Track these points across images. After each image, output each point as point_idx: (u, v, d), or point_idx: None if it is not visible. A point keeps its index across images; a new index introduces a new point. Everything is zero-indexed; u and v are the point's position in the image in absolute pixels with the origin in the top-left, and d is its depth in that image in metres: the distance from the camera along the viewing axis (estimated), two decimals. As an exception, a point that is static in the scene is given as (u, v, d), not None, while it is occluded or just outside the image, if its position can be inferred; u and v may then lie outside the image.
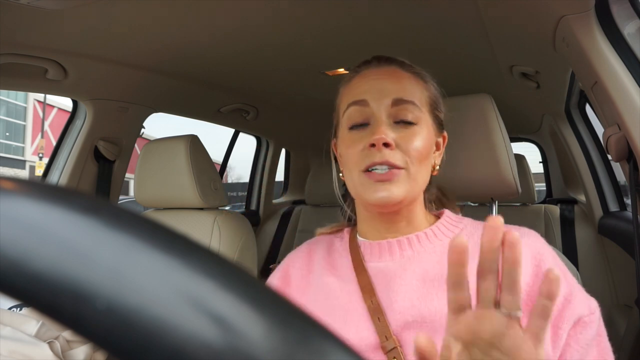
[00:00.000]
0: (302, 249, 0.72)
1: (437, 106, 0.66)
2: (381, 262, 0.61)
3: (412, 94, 0.61)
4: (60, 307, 0.14)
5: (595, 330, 0.53)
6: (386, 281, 0.59)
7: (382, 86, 0.61)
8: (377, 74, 0.63)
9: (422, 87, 0.64)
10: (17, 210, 0.15)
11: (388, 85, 0.61)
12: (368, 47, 1.28)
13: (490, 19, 1.11)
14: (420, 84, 0.64)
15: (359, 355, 0.15)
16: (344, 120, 0.63)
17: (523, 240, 0.56)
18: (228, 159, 2.57)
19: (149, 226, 0.15)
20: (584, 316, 0.53)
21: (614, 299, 1.68)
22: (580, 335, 0.52)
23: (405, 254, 0.60)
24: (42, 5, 0.98)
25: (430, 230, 0.62)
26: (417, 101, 0.61)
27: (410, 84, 0.62)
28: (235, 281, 0.15)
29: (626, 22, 0.86)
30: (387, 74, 0.63)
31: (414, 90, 0.62)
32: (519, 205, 2.09)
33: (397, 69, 0.64)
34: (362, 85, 0.62)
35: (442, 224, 0.63)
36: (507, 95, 1.73)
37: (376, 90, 0.61)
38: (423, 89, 0.64)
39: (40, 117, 19.40)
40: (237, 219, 1.46)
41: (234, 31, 1.21)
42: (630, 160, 0.93)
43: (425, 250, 0.60)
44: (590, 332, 0.52)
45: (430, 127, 0.63)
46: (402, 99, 0.60)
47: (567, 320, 0.52)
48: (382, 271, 0.60)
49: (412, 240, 0.61)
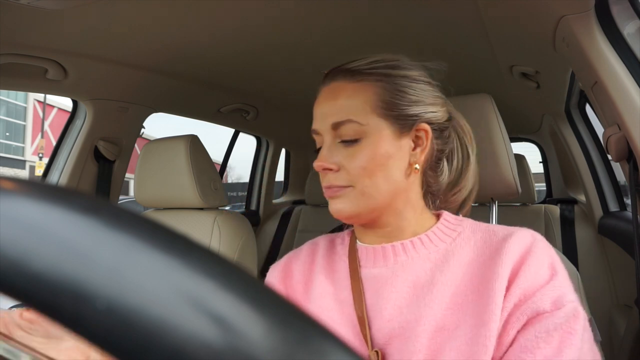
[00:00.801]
0: (305, 247, 0.72)
1: (395, 105, 0.60)
2: (375, 269, 0.61)
3: (348, 110, 0.59)
4: (60, 307, 0.14)
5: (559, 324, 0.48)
6: (377, 288, 0.59)
7: (323, 112, 0.62)
8: (323, 95, 0.63)
9: (368, 94, 0.60)
10: (17, 210, 0.15)
11: (326, 110, 0.61)
12: (368, 47, 1.28)
13: (490, 19, 1.11)
14: (366, 90, 0.60)
15: (359, 355, 0.15)
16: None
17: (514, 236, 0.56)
18: (228, 159, 2.57)
19: (149, 226, 0.16)
20: (545, 312, 0.49)
21: (614, 299, 1.69)
22: (532, 328, 0.48)
23: (399, 259, 0.60)
24: (42, 5, 0.98)
25: (426, 236, 0.61)
26: (357, 114, 0.59)
27: (347, 98, 0.60)
28: (235, 281, 0.15)
29: (626, 22, 0.86)
30: (328, 94, 0.62)
31: (352, 104, 0.60)
32: (519, 205, 2.09)
33: (340, 82, 0.62)
34: (315, 110, 0.64)
35: (439, 229, 0.62)
36: (507, 95, 1.73)
37: (319, 118, 0.62)
38: (369, 94, 0.60)
39: (40, 117, 19.42)
40: (237, 219, 1.46)
41: (234, 31, 1.21)
42: (630, 160, 0.93)
43: (419, 256, 0.59)
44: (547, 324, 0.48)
45: (386, 133, 0.59)
46: (337, 122, 0.60)
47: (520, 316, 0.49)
48: (375, 277, 0.60)
49: (406, 246, 0.60)
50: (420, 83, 0.63)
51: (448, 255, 0.58)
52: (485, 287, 0.53)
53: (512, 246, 0.55)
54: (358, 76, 0.61)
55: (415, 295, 0.56)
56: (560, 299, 0.50)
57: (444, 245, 0.60)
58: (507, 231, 0.58)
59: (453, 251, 0.58)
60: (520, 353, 0.48)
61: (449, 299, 0.54)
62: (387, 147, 0.59)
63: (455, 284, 0.55)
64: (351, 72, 0.62)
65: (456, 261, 0.57)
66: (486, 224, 0.62)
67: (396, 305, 0.57)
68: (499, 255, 0.54)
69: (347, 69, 0.62)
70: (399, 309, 0.56)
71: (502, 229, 0.59)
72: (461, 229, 0.62)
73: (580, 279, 0.76)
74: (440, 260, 0.58)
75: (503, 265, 0.53)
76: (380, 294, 0.58)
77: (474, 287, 0.54)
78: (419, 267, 0.58)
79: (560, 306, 0.49)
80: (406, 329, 0.54)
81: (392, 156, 0.60)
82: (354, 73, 0.62)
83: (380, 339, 0.56)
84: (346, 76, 0.62)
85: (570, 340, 0.47)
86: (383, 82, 0.61)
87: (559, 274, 0.53)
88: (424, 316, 0.53)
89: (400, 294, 0.57)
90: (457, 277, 0.55)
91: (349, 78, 0.62)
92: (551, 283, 0.51)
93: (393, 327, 0.55)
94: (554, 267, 0.53)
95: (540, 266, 0.53)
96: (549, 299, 0.50)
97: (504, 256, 0.54)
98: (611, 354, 1.48)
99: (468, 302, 0.52)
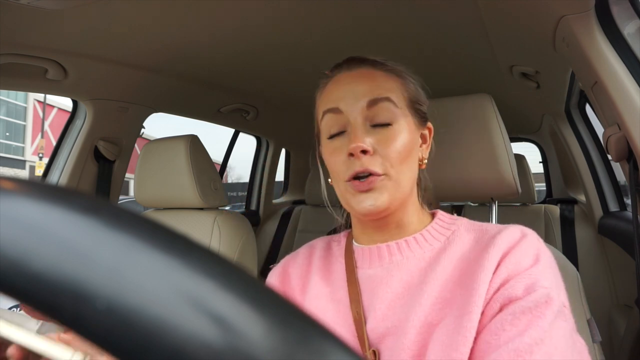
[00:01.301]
0: (303, 250, 0.72)
1: (417, 100, 0.63)
2: (371, 269, 0.61)
3: (386, 90, 0.60)
4: (61, 307, 0.14)
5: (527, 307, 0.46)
6: (373, 288, 0.59)
7: (355, 90, 0.59)
8: (349, 77, 0.61)
9: (398, 83, 0.62)
10: (17, 210, 0.15)
11: (360, 88, 0.59)
12: (368, 47, 1.28)
13: (490, 19, 1.11)
14: (396, 80, 0.62)
15: (359, 355, 0.15)
16: (323, 129, 0.63)
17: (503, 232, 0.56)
18: (228, 159, 2.57)
19: (149, 226, 0.15)
20: (517, 298, 0.48)
21: (614, 299, 1.69)
22: (501, 313, 0.48)
23: (394, 259, 0.60)
24: (42, 5, 0.98)
25: (421, 235, 0.61)
26: (394, 97, 0.60)
27: (384, 81, 0.61)
28: (235, 281, 0.15)
29: (626, 22, 0.86)
30: (359, 76, 0.61)
31: (388, 87, 0.60)
32: (519, 205, 2.10)
33: (369, 69, 0.62)
34: (335, 92, 0.61)
35: (434, 228, 0.62)
36: (507, 95, 1.73)
37: (349, 96, 0.59)
38: (399, 84, 0.62)
39: (40, 117, 19.41)
40: (237, 219, 1.46)
41: (234, 31, 1.21)
42: (630, 160, 0.93)
43: (414, 256, 0.59)
44: (514, 308, 0.47)
45: (410, 122, 0.61)
46: (376, 99, 0.58)
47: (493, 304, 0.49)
48: (371, 277, 0.60)
49: (401, 245, 0.60)
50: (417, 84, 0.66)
51: (441, 254, 0.58)
52: (470, 279, 0.52)
53: (499, 240, 0.55)
54: (385, 67, 0.62)
55: (410, 294, 0.56)
56: (533, 286, 0.49)
57: (439, 244, 0.60)
58: (498, 228, 0.58)
59: (446, 250, 0.58)
60: (486, 336, 0.47)
61: (438, 294, 0.54)
62: (413, 137, 0.61)
63: (444, 280, 0.55)
64: (379, 63, 0.63)
65: (447, 259, 0.57)
66: (480, 223, 0.62)
67: (390, 304, 0.57)
68: (487, 249, 0.54)
69: (374, 60, 0.63)
70: (392, 309, 0.56)
71: (495, 226, 0.59)
72: (455, 228, 0.62)
73: (580, 279, 0.76)
74: (434, 259, 0.58)
75: (490, 259, 0.53)
76: (376, 294, 0.58)
77: (460, 282, 0.54)
78: (414, 266, 0.59)
79: (531, 291, 0.48)
80: (397, 327, 0.54)
81: (414, 147, 0.61)
82: (381, 65, 0.63)
83: (375, 339, 0.56)
84: (375, 65, 0.62)
85: (537, 322, 0.45)
86: (406, 79, 0.64)
87: (540, 263, 0.52)
88: (414, 313, 0.53)
89: (394, 294, 0.57)
90: (447, 274, 0.56)
91: (378, 67, 0.62)
92: (529, 270, 0.51)
93: (387, 326, 0.55)
94: (537, 257, 0.53)
95: (524, 256, 0.52)
96: (522, 285, 0.49)
97: (491, 249, 0.54)
98: (611, 354, 1.48)
99: (455, 297, 0.53)
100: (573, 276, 0.75)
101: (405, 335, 0.53)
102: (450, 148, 0.90)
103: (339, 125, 0.60)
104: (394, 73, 0.63)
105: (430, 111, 0.67)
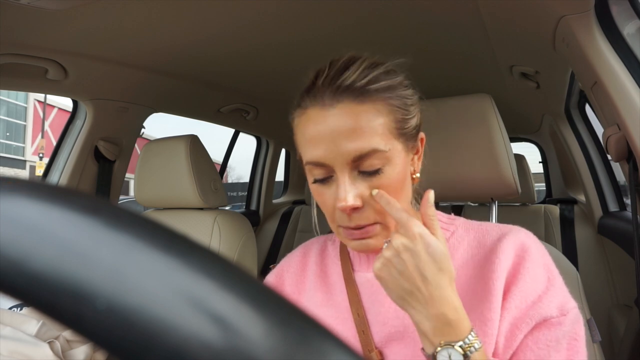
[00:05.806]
0: (297, 253, 0.71)
1: (404, 121, 0.56)
2: (369, 272, 0.61)
3: (370, 139, 0.52)
4: (60, 307, 0.14)
5: (566, 332, 0.49)
6: (372, 291, 0.59)
7: (338, 141, 0.52)
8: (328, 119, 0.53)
9: (384, 112, 0.53)
10: (17, 210, 0.15)
11: (343, 139, 0.52)
12: (368, 47, 1.28)
13: (490, 19, 1.11)
14: (382, 108, 0.53)
15: (359, 355, 0.15)
16: (307, 171, 0.58)
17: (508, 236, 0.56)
18: (228, 159, 2.57)
19: (149, 226, 0.16)
20: (552, 317, 0.50)
21: (613, 299, 1.68)
22: (542, 335, 0.49)
23: None
24: (42, 5, 0.98)
25: None
26: (379, 142, 0.52)
27: (368, 119, 0.52)
28: (235, 281, 0.15)
29: (626, 22, 0.86)
30: (339, 119, 0.52)
31: (372, 131, 0.52)
32: (519, 205, 2.10)
33: (350, 103, 0.52)
34: (316, 139, 0.54)
35: None
36: (507, 95, 1.73)
37: (332, 149, 0.52)
38: (386, 112, 0.53)
39: (40, 117, 19.41)
40: (237, 219, 1.46)
41: (234, 31, 1.21)
42: (630, 160, 0.93)
43: None
44: (556, 333, 0.49)
45: (400, 151, 0.55)
46: (361, 155, 0.52)
47: (529, 321, 0.50)
48: (369, 281, 0.60)
49: None
50: (408, 88, 0.58)
51: None
52: (483, 287, 0.53)
53: (506, 246, 0.55)
54: (366, 95, 0.53)
55: None
56: (565, 305, 0.51)
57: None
58: (501, 230, 0.58)
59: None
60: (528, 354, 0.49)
61: None
62: (403, 168, 0.56)
63: None
64: (357, 92, 0.53)
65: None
66: (478, 222, 0.62)
67: (391, 308, 0.56)
68: (495, 254, 0.54)
69: (353, 87, 0.53)
70: (394, 312, 0.56)
71: (495, 227, 0.59)
72: (454, 228, 0.62)
73: (580, 279, 0.76)
74: None
75: (500, 265, 0.53)
76: (376, 297, 0.58)
77: (470, 288, 0.54)
78: None
79: (565, 312, 0.51)
80: (404, 333, 0.54)
81: (406, 175, 0.57)
82: (360, 92, 0.53)
83: (378, 342, 0.56)
84: (352, 96, 0.53)
85: (576, 347, 0.49)
86: (391, 98, 0.54)
87: (556, 277, 0.54)
88: None
89: None
90: None
91: (357, 99, 0.53)
92: (552, 288, 0.52)
93: (390, 330, 0.55)
94: (549, 269, 0.54)
95: (537, 267, 0.54)
96: (555, 305, 0.51)
97: (500, 255, 0.54)
98: (611, 354, 1.47)
99: (465, 303, 0.53)
100: (573, 276, 0.75)
101: (413, 342, 0.53)
102: (450, 148, 0.90)
103: (324, 173, 0.55)
104: (379, 95, 0.54)
105: (428, 112, 0.62)
